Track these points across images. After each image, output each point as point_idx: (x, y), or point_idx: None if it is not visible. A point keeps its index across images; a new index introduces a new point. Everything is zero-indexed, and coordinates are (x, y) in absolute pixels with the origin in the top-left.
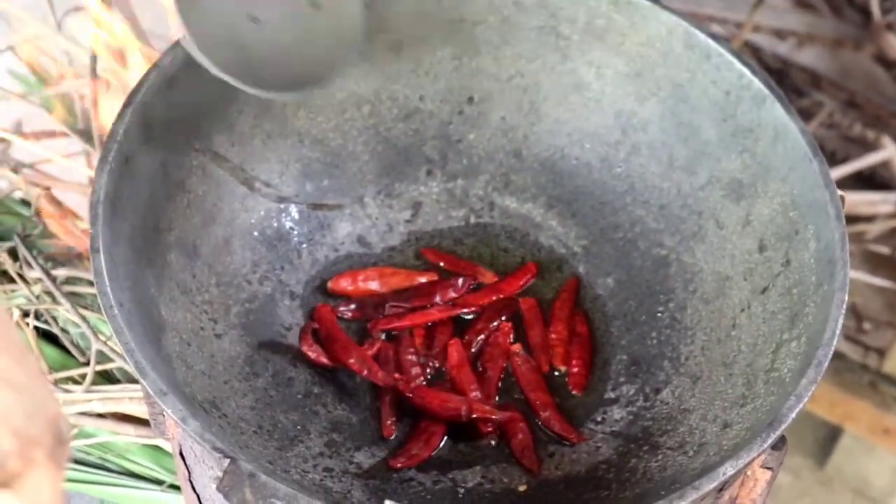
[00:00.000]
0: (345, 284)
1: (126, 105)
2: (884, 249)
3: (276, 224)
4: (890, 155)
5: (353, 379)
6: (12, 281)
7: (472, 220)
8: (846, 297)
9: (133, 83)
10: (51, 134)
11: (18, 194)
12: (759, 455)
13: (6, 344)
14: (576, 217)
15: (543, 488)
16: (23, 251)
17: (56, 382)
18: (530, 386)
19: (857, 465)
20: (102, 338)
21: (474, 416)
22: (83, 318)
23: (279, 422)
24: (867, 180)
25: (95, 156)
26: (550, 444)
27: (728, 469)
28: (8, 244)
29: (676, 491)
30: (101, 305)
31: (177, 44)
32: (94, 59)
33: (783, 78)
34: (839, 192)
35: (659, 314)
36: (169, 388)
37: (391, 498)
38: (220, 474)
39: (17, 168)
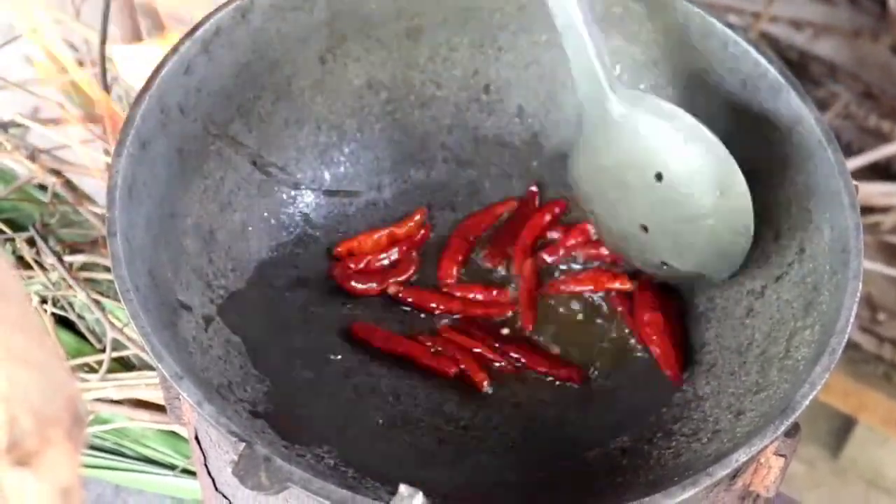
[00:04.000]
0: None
1: (143, 90)
2: None
3: (291, 210)
4: None
5: (370, 364)
6: (30, 267)
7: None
8: (860, 286)
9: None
10: (68, 120)
11: (37, 181)
12: (772, 442)
13: (24, 324)
14: None
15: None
16: (37, 238)
17: (72, 370)
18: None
19: (871, 455)
20: (119, 325)
21: None
22: (98, 304)
23: (295, 406)
24: (883, 171)
25: (112, 142)
26: (566, 433)
27: (741, 456)
28: (27, 233)
29: (690, 477)
30: (117, 290)
31: (194, 30)
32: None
33: (800, 68)
34: (853, 182)
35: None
36: (185, 372)
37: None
38: (235, 458)
39: (34, 155)
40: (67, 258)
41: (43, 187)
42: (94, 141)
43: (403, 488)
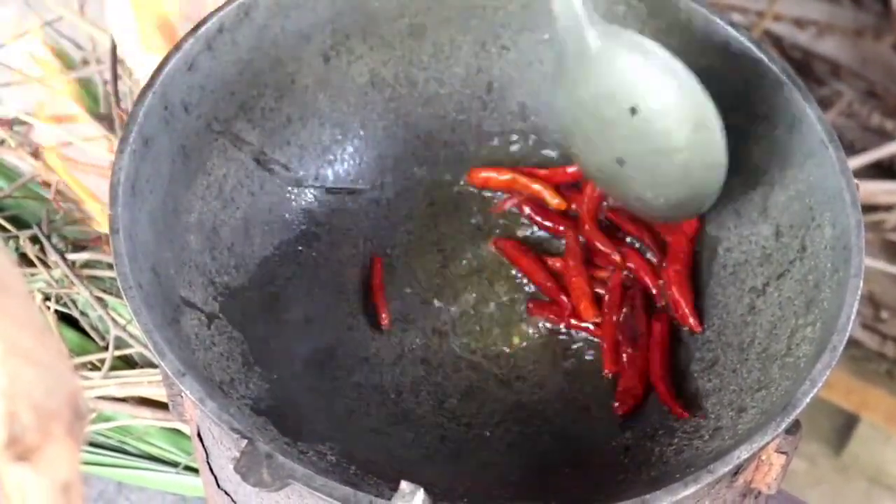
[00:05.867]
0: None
1: (146, 87)
2: None
3: (294, 208)
4: None
5: (372, 360)
6: (33, 265)
7: (492, 206)
8: (861, 284)
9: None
10: (72, 118)
11: (40, 178)
12: (773, 439)
13: (26, 319)
14: None
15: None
16: (41, 236)
17: (75, 367)
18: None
19: (873, 453)
20: (122, 322)
21: None
22: (101, 302)
23: (297, 403)
24: (886, 170)
25: (116, 140)
26: (568, 429)
27: (742, 453)
28: (30, 231)
29: (691, 474)
30: (120, 286)
31: (197, 27)
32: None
33: (803, 67)
34: (854, 180)
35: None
36: (187, 369)
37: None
38: (237, 455)
39: (37, 152)
40: (71, 256)
41: (47, 185)
42: (99, 138)
43: (405, 485)
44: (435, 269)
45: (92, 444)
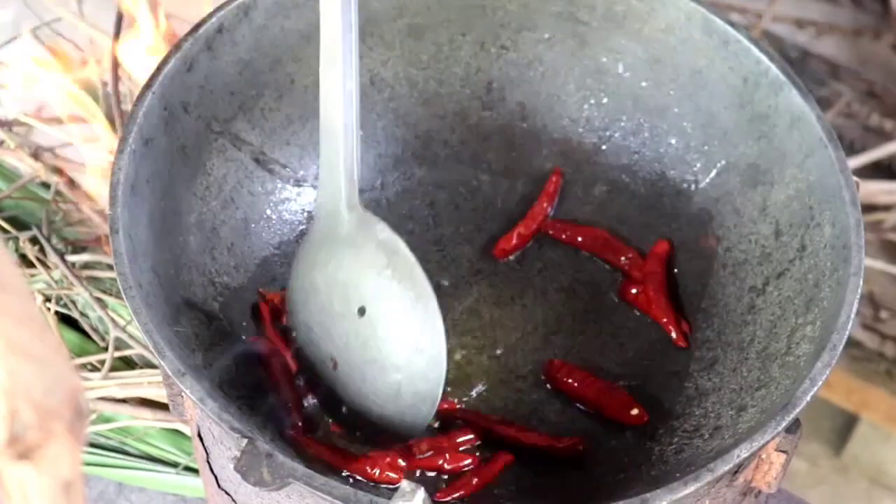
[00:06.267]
0: None
1: (146, 88)
2: None
3: (294, 207)
4: None
5: None
6: (33, 266)
7: (491, 206)
8: (861, 283)
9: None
10: (72, 119)
11: (40, 179)
12: (773, 438)
13: (26, 317)
14: (591, 203)
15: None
16: (40, 237)
17: (75, 367)
18: None
19: (873, 453)
20: (122, 323)
21: None
22: (100, 302)
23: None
24: (885, 170)
25: (116, 141)
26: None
27: (742, 451)
28: (30, 232)
29: (692, 473)
30: (120, 287)
31: (197, 27)
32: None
33: (802, 67)
34: (854, 179)
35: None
36: (187, 369)
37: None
38: (237, 454)
39: (37, 153)
40: (70, 257)
41: (46, 185)
42: (98, 139)
43: (405, 484)
44: (435, 269)
45: (92, 445)
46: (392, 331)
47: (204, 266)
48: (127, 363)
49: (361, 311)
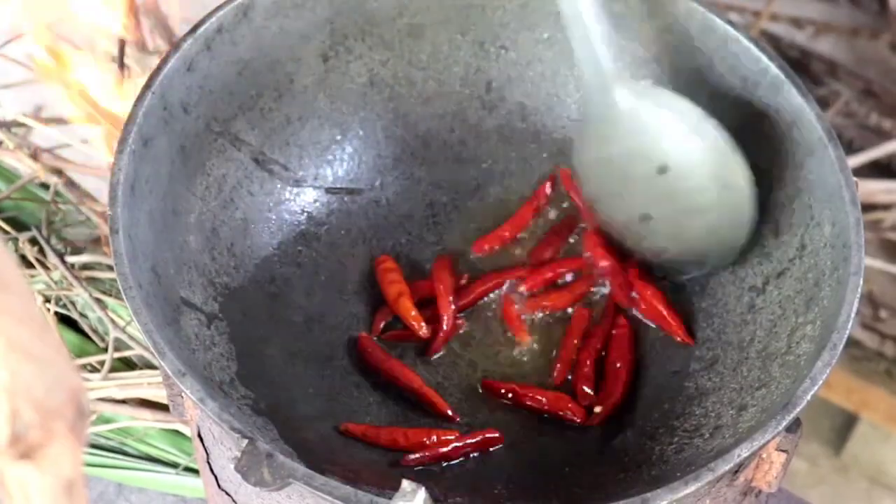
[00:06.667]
0: None
1: (146, 88)
2: None
3: (294, 208)
4: None
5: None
6: (32, 266)
7: (491, 206)
8: (861, 282)
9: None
10: (71, 119)
11: (39, 180)
12: (773, 437)
13: (27, 317)
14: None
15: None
16: (39, 238)
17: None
18: None
19: (873, 452)
20: (121, 323)
21: None
22: (100, 303)
23: (297, 404)
24: (884, 169)
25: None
26: (567, 430)
27: (743, 451)
28: (29, 233)
29: (692, 472)
30: (120, 287)
31: (196, 27)
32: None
33: (800, 66)
34: (853, 178)
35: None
36: (187, 369)
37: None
38: (238, 455)
39: (36, 153)
40: (70, 258)
41: (45, 186)
42: (97, 140)
43: (406, 483)
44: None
45: (92, 446)
46: (697, 178)
47: (204, 266)
48: (127, 364)
49: (662, 169)
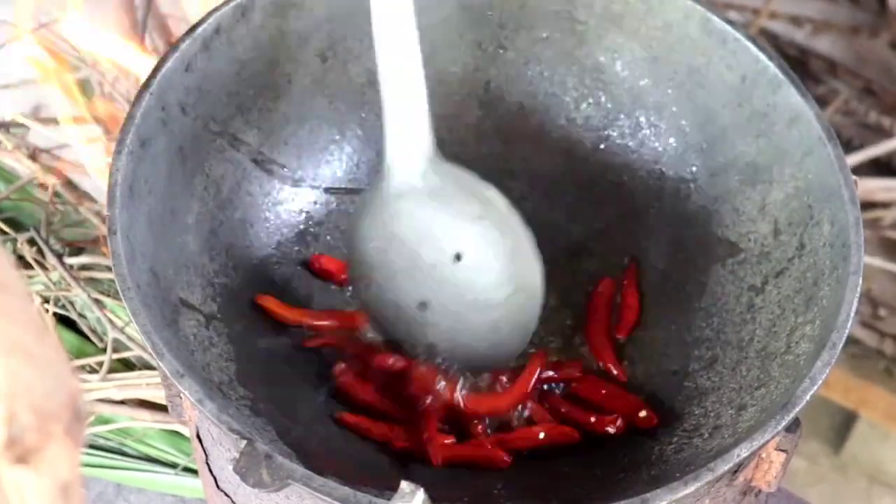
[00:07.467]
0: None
1: (143, 88)
2: None
3: (293, 208)
4: None
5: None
6: (30, 267)
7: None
8: (860, 281)
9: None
10: (70, 120)
11: (37, 181)
12: (773, 437)
13: (25, 319)
14: (590, 202)
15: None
16: (38, 238)
17: (74, 370)
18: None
19: (872, 451)
20: (120, 324)
21: None
22: (99, 303)
23: (296, 404)
24: (884, 167)
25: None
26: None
27: (742, 451)
28: (28, 233)
29: (691, 472)
30: (118, 288)
31: (194, 28)
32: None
33: (800, 65)
34: (852, 177)
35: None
36: (185, 370)
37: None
38: (236, 456)
39: (35, 154)
40: (69, 259)
41: (44, 187)
42: (96, 140)
43: (405, 485)
44: None
45: (91, 446)
46: (492, 275)
47: (202, 267)
48: (125, 364)
49: (457, 257)
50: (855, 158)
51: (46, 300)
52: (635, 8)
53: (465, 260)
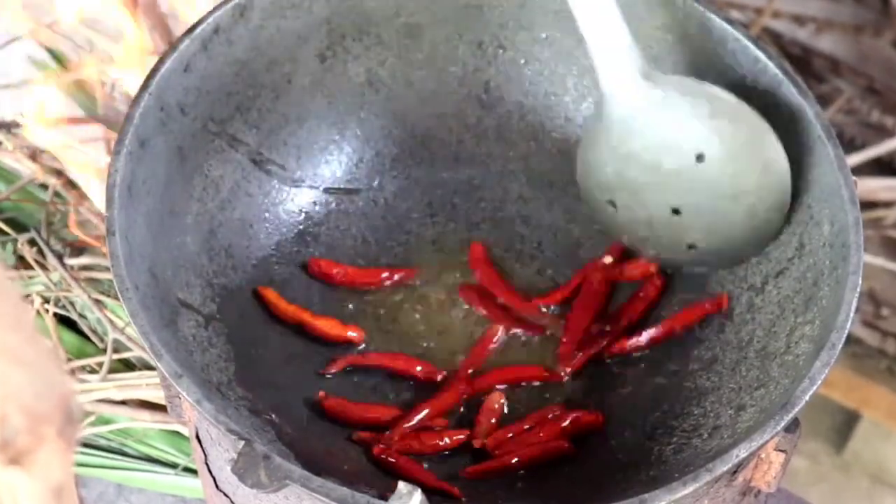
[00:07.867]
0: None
1: (142, 89)
2: None
3: (292, 208)
4: None
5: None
6: (31, 268)
7: (489, 205)
8: (860, 281)
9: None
10: (71, 120)
11: (38, 181)
12: (772, 438)
13: (16, 322)
14: None
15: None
16: (38, 239)
17: (74, 371)
18: None
19: (875, 450)
20: (120, 325)
21: None
22: (99, 304)
23: (294, 405)
24: (886, 166)
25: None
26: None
27: (741, 451)
28: (28, 234)
29: (690, 473)
30: (116, 288)
31: (192, 28)
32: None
33: (802, 64)
34: (852, 177)
35: (675, 296)
36: (184, 370)
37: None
38: (235, 456)
39: (35, 154)
40: (69, 259)
41: (44, 187)
42: (96, 141)
43: (402, 485)
44: (433, 269)
45: (91, 447)
46: (737, 163)
47: (201, 267)
48: (126, 365)
49: (699, 158)
50: (857, 157)
51: (47, 301)
52: (635, 8)
53: (708, 158)
